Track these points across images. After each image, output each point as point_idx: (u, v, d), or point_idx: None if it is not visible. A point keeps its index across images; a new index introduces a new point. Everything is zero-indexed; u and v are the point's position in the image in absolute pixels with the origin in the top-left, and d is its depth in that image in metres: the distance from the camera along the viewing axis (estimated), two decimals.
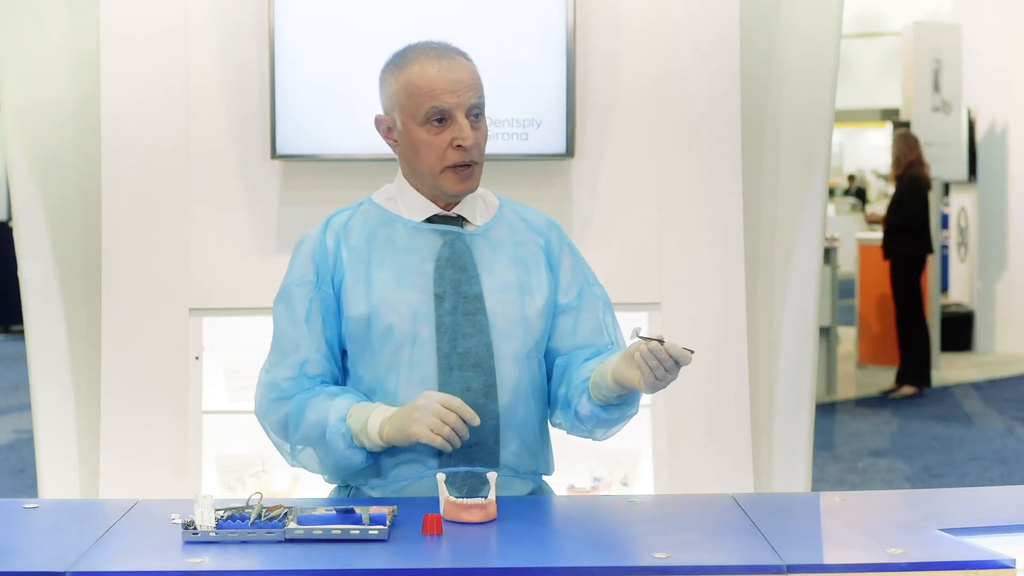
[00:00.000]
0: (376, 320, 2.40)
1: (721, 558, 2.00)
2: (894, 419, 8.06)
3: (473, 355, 2.39)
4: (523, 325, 2.44)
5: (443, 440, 2.26)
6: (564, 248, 2.54)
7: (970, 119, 10.61)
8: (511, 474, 2.42)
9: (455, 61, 2.39)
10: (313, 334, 2.44)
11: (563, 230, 2.59)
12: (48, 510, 2.37)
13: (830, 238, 8.47)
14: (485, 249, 2.46)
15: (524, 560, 1.99)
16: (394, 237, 2.45)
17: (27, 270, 3.70)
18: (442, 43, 2.44)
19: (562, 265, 2.52)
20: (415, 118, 2.39)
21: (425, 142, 2.39)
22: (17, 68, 3.67)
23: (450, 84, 2.36)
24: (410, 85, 2.39)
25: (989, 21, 10.64)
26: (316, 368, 2.44)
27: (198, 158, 3.68)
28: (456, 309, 2.40)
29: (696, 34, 3.72)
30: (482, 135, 2.42)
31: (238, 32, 3.67)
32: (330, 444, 2.36)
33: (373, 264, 2.43)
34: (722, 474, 3.70)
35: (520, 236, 2.50)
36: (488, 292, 2.42)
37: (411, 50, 2.43)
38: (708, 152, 3.75)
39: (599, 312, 2.52)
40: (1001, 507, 2.37)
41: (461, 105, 2.37)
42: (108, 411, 3.64)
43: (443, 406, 2.26)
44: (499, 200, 2.55)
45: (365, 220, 2.48)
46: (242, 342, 3.86)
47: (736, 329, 3.74)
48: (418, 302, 2.40)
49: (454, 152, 2.38)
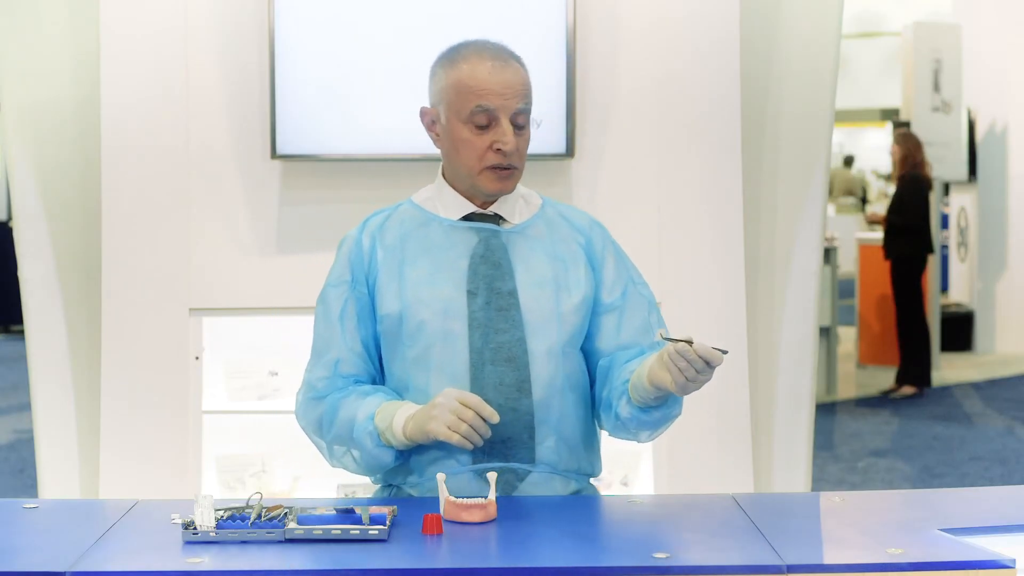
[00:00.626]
0: (408, 316, 2.41)
1: (721, 558, 2.00)
2: (894, 419, 8.05)
3: (506, 350, 2.39)
4: (558, 321, 2.43)
5: (461, 437, 2.26)
6: (608, 247, 2.53)
7: (970, 119, 10.61)
8: (548, 471, 2.42)
9: (508, 64, 2.39)
10: (347, 333, 2.45)
11: (607, 230, 2.58)
12: (48, 510, 2.37)
13: (830, 238, 8.48)
14: (522, 246, 2.46)
15: (524, 560, 1.99)
16: (430, 235, 2.46)
17: (27, 270, 3.70)
18: (498, 44, 2.44)
19: (605, 264, 2.51)
20: (460, 115, 2.39)
21: (467, 140, 2.39)
22: (17, 68, 3.67)
23: (499, 86, 2.36)
24: (459, 82, 2.38)
25: (989, 21, 10.64)
26: (350, 367, 2.45)
27: (198, 158, 3.68)
28: (489, 305, 2.40)
29: (696, 34, 3.72)
30: (524, 141, 2.42)
31: (238, 32, 3.67)
32: (358, 442, 2.37)
33: (407, 262, 2.44)
34: (722, 474, 3.70)
35: (560, 233, 2.50)
36: (523, 288, 2.42)
37: (465, 47, 2.42)
38: (708, 152, 3.75)
39: (644, 311, 2.51)
40: (1001, 507, 2.37)
41: (507, 108, 2.37)
42: (108, 411, 3.64)
43: (461, 403, 2.26)
44: (542, 200, 2.55)
45: (402, 221, 2.49)
46: (242, 342, 3.86)
47: (736, 329, 3.74)
48: (450, 298, 2.41)
49: (494, 155, 2.38)
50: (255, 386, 3.82)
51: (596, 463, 2.54)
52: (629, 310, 2.50)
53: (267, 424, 3.88)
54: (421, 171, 3.72)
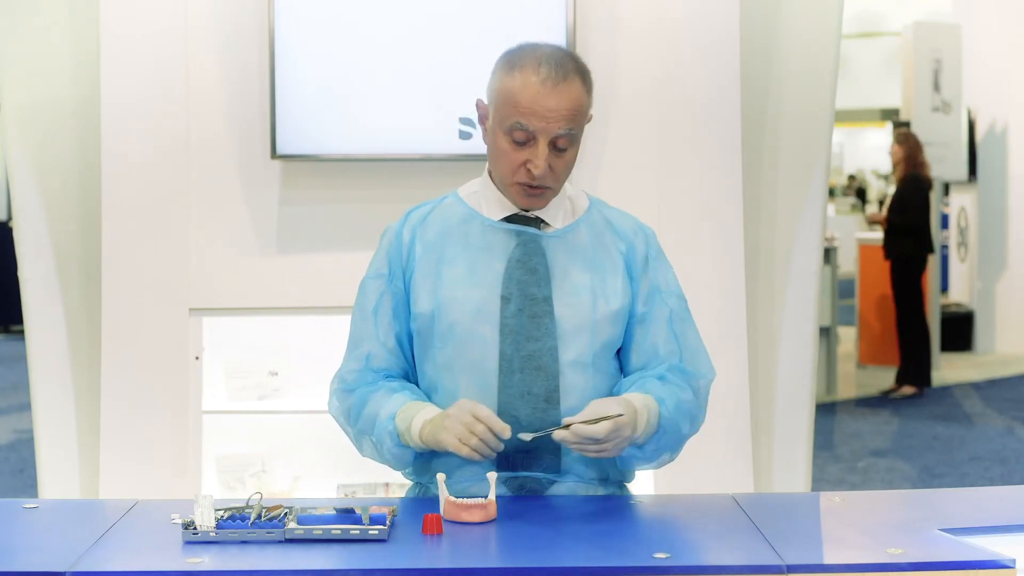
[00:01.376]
0: (440, 317, 2.39)
1: (721, 558, 2.00)
2: (894, 419, 8.06)
3: (536, 359, 2.37)
4: (591, 330, 2.40)
5: (470, 450, 2.24)
6: (649, 255, 2.48)
7: (970, 119, 10.61)
8: (575, 480, 2.41)
9: (560, 84, 2.31)
10: (380, 328, 2.43)
11: (654, 236, 2.52)
12: (48, 510, 2.37)
13: (830, 238, 8.47)
14: (560, 252, 2.42)
15: (524, 560, 1.99)
16: (470, 234, 2.43)
17: (27, 270, 3.70)
18: (562, 56, 2.35)
19: (645, 273, 2.47)
20: (502, 125, 2.34)
21: (503, 151, 2.35)
22: (17, 68, 3.67)
23: (544, 108, 2.30)
24: (507, 92, 2.33)
25: (989, 21, 10.64)
26: (381, 362, 2.44)
27: (198, 158, 3.68)
28: (522, 311, 2.37)
29: (696, 34, 3.72)
30: (564, 163, 2.36)
31: (238, 32, 3.67)
32: (378, 440, 2.37)
33: (445, 261, 2.41)
34: (722, 474, 3.70)
35: (602, 240, 2.46)
36: (558, 296, 2.39)
37: (527, 53, 2.35)
38: (708, 152, 3.75)
39: (662, 324, 2.46)
40: (1001, 507, 2.37)
41: (547, 132, 2.31)
42: (108, 411, 3.64)
43: (473, 416, 2.24)
44: (590, 202, 2.51)
45: (444, 216, 2.46)
46: (242, 342, 3.86)
47: (736, 329, 3.74)
48: (483, 301, 2.38)
49: (525, 173, 2.34)
50: (255, 386, 3.82)
51: (628, 471, 2.51)
52: (650, 323, 2.46)
53: (267, 424, 3.88)
54: (421, 171, 3.73)
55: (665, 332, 2.45)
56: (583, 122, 2.37)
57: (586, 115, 2.38)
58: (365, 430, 2.40)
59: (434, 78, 3.63)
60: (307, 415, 3.80)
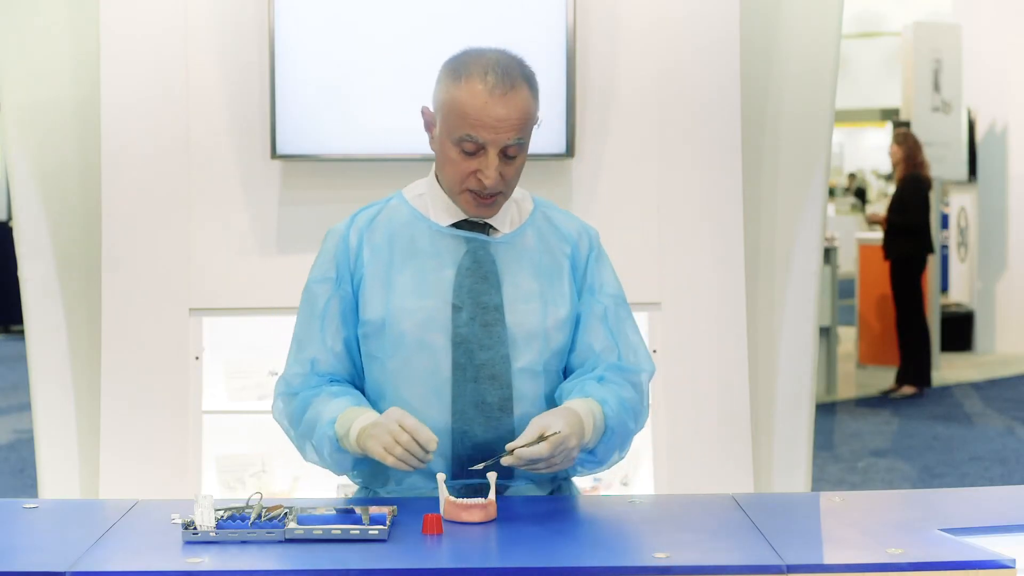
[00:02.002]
0: (390, 326, 2.37)
1: (721, 558, 2.00)
2: (894, 419, 8.06)
3: (489, 367, 2.36)
4: (543, 337, 2.39)
5: (395, 459, 2.21)
6: (591, 256, 2.48)
7: (970, 119, 10.62)
8: (526, 483, 2.41)
9: (508, 93, 2.28)
10: (327, 332, 2.42)
11: (597, 237, 2.52)
12: (48, 510, 2.37)
13: (830, 238, 8.48)
14: (509, 258, 2.41)
15: (524, 560, 1.99)
16: (417, 240, 2.41)
17: (27, 270, 3.70)
18: (507, 63, 2.32)
19: (585, 274, 2.46)
20: (450, 135, 2.32)
21: (452, 160, 2.34)
22: (17, 68, 3.67)
23: (492, 120, 2.28)
24: (454, 103, 2.31)
25: (989, 21, 10.64)
26: (326, 366, 2.42)
27: (198, 158, 3.68)
28: (474, 320, 2.36)
29: (696, 34, 3.72)
30: (514, 169, 2.34)
31: (238, 32, 3.67)
32: (318, 445, 2.35)
33: (394, 267, 2.40)
34: (722, 474, 3.70)
35: (547, 243, 2.45)
36: (509, 303, 2.38)
37: (472, 63, 2.32)
38: (708, 152, 3.75)
39: (596, 322, 2.44)
40: (1001, 507, 2.37)
41: (496, 143, 2.29)
42: (108, 411, 3.64)
43: (400, 426, 2.21)
44: (534, 204, 2.50)
45: (391, 219, 2.44)
46: (242, 342, 3.86)
47: (736, 329, 3.74)
48: (434, 310, 2.37)
49: (475, 181, 2.33)
50: (255, 386, 3.82)
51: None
52: (586, 322, 2.44)
53: (267, 424, 3.85)
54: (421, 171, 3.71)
55: (600, 330, 2.43)
56: (531, 129, 2.35)
57: (534, 121, 2.36)
58: (306, 434, 2.39)
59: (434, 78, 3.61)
60: None
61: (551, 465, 2.24)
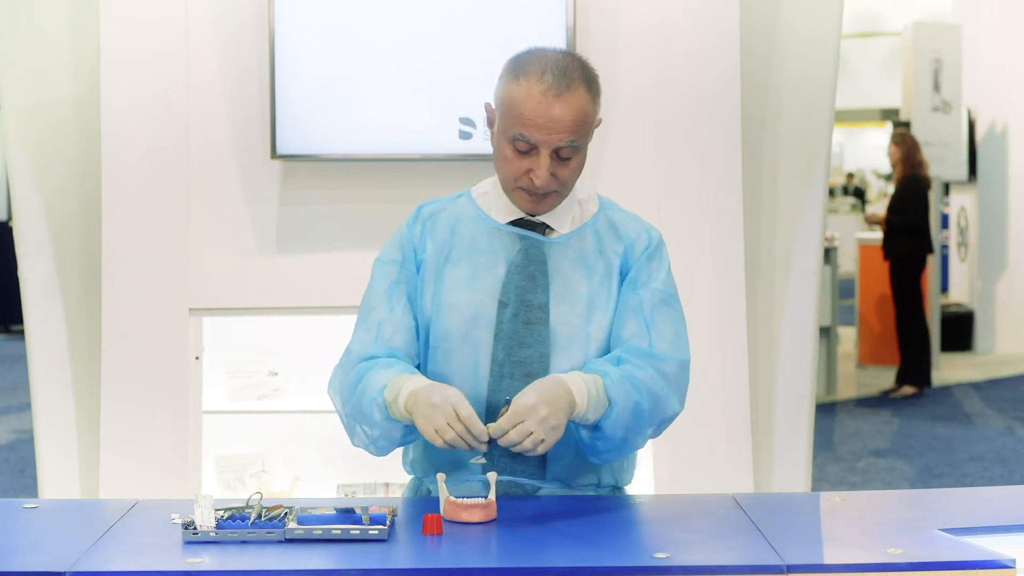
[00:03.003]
0: (437, 317, 2.38)
1: (721, 558, 2.00)
2: (894, 419, 8.06)
3: (527, 365, 2.35)
4: (584, 340, 2.38)
5: (443, 442, 2.19)
6: (644, 253, 2.43)
7: (970, 119, 10.62)
8: (560, 487, 2.40)
9: (564, 96, 2.28)
10: (395, 304, 2.39)
11: (658, 237, 2.46)
12: (48, 510, 2.37)
13: (830, 238, 8.48)
14: (562, 258, 2.40)
15: (524, 560, 1.99)
16: (476, 236, 2.42)
17: (27, 270, 3.70)
18: (566, 63, 2.31)
19: (632, 269, 2.43)
20: (505, 133, 2.32)
21: (506, 158, 2.34)
22: (17, 68, 3.67)
23: (545, 120, 2.27)
24: (511, 101, 2.31)
25: (989, 21, 10.64)
26: (393, 335, 2.37)
27: (198, 158, 3.68)
28: (517, 317, 2.36)
29: (696, 34, 3.72)
30: (569, 170, 2.33)
31: (238, 32, 3.67)
32: (367, 414, 2.30)
33: (450, 261, 2.40)
34: (722, 474, 3.70)
35: (604, 246, 2.43)
36: (555, 303, 2.38)
37: (531, 61, 2.32)
38: (708, 152, 3.75)
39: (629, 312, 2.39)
40: (1001, 507, 2.37)
41: (549, 143, 2.29)
42: (108, 411, 3.64)
43: (455, 413, 2.18)
44: (600, 205, 2.48)
45: (455, 215, 2.45)
46: (242, 342, 3.86)
47: (736, 329, 3.74)
48: (481, 305, 2.37)
49: (527, 180, 2.33)
50: (255, 386, 3.82)
51: (623, 473, 2.48)
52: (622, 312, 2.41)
53: (267, 424, 3.88)
54: (421, 171, 3.73)
55: (632, 319, 2.39)
56: (589, 130, 2.35)
57: (592, 123, 2.36)
58: (355, 410, 2.34)
59: (434, 78, 3.63)
60: (307, 415, 3.80)
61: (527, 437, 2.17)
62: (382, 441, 2.35)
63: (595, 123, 2.37)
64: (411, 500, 2.37)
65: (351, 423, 2.37)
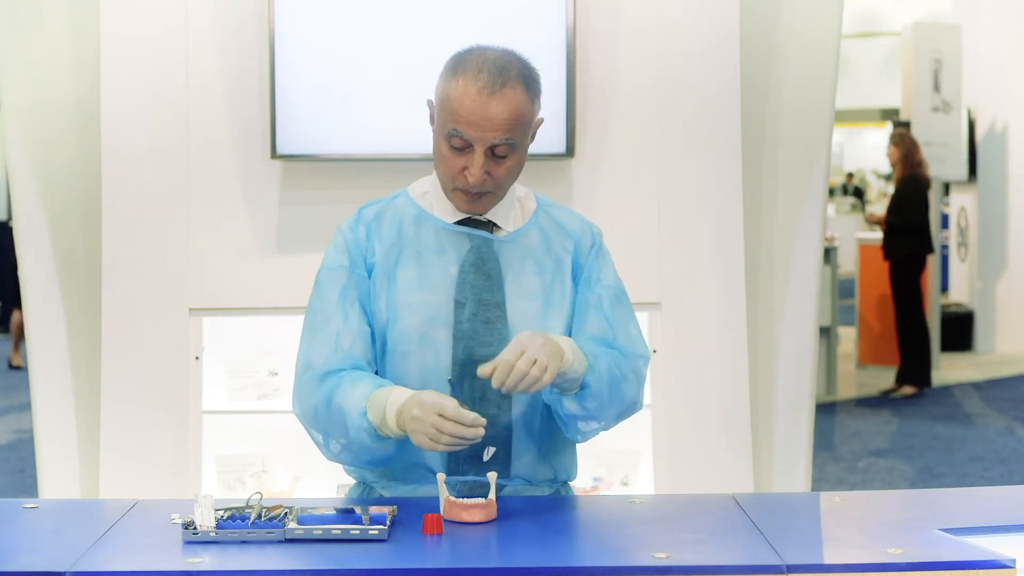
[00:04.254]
0: (394, 320, 2.38)
1: (721, 558, 2.00)
2: (894, 419, 8.06)
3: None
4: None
5: (445, 447, 2.18)
6: (592, 251, 2.47)
7: (970, 119, 10.62)
8: (523, 483, 2.41)
9: (498, 93, 2.27)
10: (348, 312, 2.37)
11: (600, 235, 2.51)
12: (48, 510, 2.37)
13: (830, 238, 8.48)
14: (513, 256, 2.41)
15: (524, 560, 1.99)
16: (423, 236, 2.41)
17: (27, 270, 3.70)
18: (503, 62, 2.31)
19: (584, 268, 2.45)
20: (442, 130, 2.33)
21: (444, 156, 2.34)
22: (17, 68, 3.67)
23: (479, 118, 2.28)
24: (448, 97, 2.31)
25: (989, 21, 10.65)
26: (349, 340, 2.36)
27: (198, 158, 3.68)
28: (475, 316, 2.37)
29: (696, 34, 3.72)
30: (504, 170, 2.33)
31: (238, 32, 3.67)
32: (355, 441, 2.29)
33: (400, 263, 2.40)
34: (722, 474, 3.70)
35: (550, 241, 2.44)
36: (511, 300, 2.38)
37: (469, 60, 2.32)
38: (708, 152, 3.75)
39: (590, 311, 2.42)
40: (1001, 507, 2.37)
41: (483, 141, 2.29)
42: (108, 411, 3.64)
43: (439, 415, 2.17)
44: (538, 202, 2.49)
45: (397, 216, 2.44)
46: (242, 342, 3.86)
47: (736, 329, 3.74)
48: (437, 305, 2.37)
49: (463, 179, 2.33)
50: (255, 386, 3.82)
51: (572, 468, 2.51)
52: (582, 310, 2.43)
53: (267, 424, 3.88)
54: (421, 171, 3.71)
55: (596, 318, 2.41)
56: (526, 130, 2.34)
57: (529, 122, 2.34)
58: (336, 429, 2.32)
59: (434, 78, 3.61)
60: None
61: (533, 364, 2.17)
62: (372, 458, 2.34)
63: (535, 123, 2.37)
64: (411, 500, 2.37)
65: (328, 440, 2.36)
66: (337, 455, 2.38)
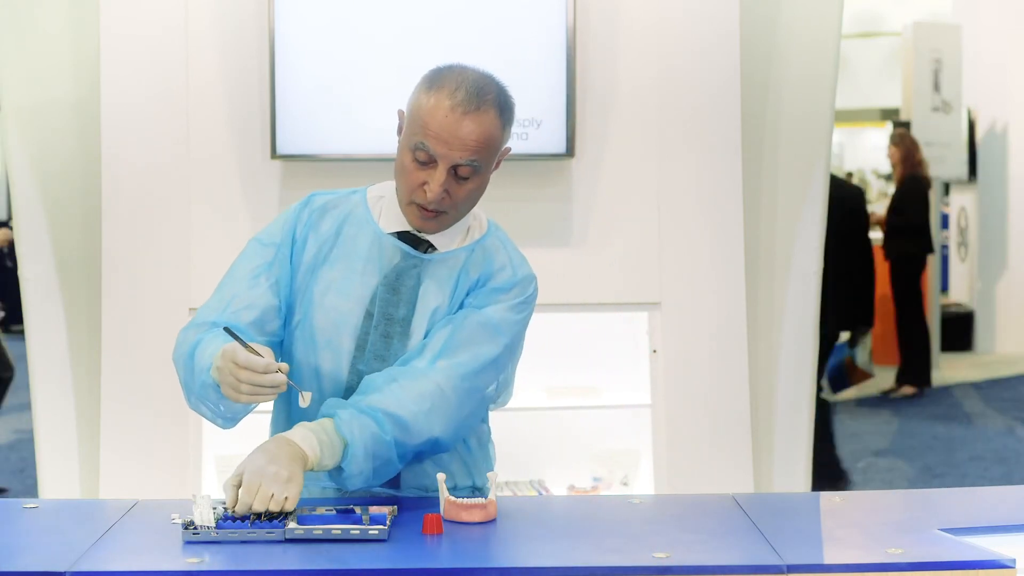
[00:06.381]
0: (306, 316, 2.38)
1: (721, 558, 2.00)
2: (894, 419, 8.05)
3: None
4: None
5: (249, 397, 2.16)
6: (497, 288, 2.38)
7: (970, 119, 10.62)
8: (419, 493, 2.40)
9: (471, 115, 2.26)
10: (256, 284, 2.37)
11: (526, 282, 2.41)
12: (48, 510, 2.37)
13: None
14: (435, 276, 2.38)
15: (524, 560, 1.99)
16: (358, 240, 2.40)
17: (27, 270, 3.70)
18: (480, 85, 2.30)
19: (471, 295, 2.39)
20: (408, 141, 2.31)
21: (405, 168, 2.32)
22: (17, 68, 3.67)
23: (447, 135, 2.26)
24: (420, 110, 2.30)
25: (989, 21, 10.64)
26: (242, 306, 2.35)
27: (198, 158, 3.68)
28: (377, 329, 2.37)
29: (696, 34, 3.73)
30: (463, 192, 2.30)
31: (238, 32, 3.67)
32: (203, 398, 2.30)
33: (328, 261, 2.39)
34: (722, 474, 3.70)
35: (474, 268, 2.40)
36: (418, 319, 2.37)
37: (447, 78, 2.31)
38: (708, 152, 3.75)
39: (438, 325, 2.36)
40: (1001, 507, 2.37)
41: (448, 158, 2.27)
42: (108, 411, 3.64)
43: (234, 363, 2.14)
44: (488, 231, 2.45)
45: (344, 213, 2.43)
46: None
47: (736, 329, 3.74)
48: (349, 312, 2.37)
49: (421, 194, 2.30)
50: None
51: (478, 474, 2.46)
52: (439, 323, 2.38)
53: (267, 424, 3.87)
54: None
55: (435, 330, 2.36)
56: (493, 155, 2.32)
57: (497, 149, 2.33)
58: (193, 390, 2.33)
59: None
60: None
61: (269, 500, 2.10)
62: (226, 415, 2.35)
63: (502, 151, 2.36)
64: (411, 500, 2.37)
65: (190, 397, 2.36)
66: (197, 409, 2.37)
